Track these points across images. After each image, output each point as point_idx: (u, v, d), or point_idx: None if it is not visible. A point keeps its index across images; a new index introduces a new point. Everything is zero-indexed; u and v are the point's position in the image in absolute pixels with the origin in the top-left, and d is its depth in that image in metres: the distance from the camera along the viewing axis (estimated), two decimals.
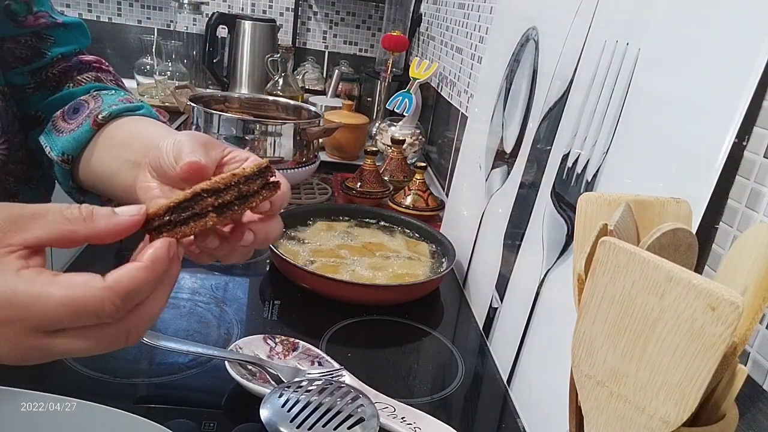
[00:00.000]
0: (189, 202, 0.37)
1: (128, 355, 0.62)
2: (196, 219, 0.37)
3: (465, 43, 1.23)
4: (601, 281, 0.29)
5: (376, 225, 0.97)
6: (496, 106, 0.85)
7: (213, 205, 0.37)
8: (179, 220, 0.37)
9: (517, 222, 0.71)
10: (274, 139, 1.07)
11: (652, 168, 0.48)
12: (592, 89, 0.58)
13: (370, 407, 0.52)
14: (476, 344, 0.75)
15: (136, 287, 0.35)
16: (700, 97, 0.44)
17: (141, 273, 0.35)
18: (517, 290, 0.69)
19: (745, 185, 0.42)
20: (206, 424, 0.54)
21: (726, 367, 0.29)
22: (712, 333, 0.25)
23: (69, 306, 0.33)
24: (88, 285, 0.34)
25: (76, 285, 0.33)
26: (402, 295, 0.80)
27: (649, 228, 0.32)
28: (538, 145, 0.69)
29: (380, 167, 1.18)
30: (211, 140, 0.46)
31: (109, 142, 0.54)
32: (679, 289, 0.26)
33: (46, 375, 0.58)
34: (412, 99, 1.34)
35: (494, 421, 0.63)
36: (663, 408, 0.27)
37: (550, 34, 0.72)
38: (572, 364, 0.31)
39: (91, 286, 0.34)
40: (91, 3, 1.91)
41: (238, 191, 0.38)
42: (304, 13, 2.04)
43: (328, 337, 0.70)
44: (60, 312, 0.33)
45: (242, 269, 0.85)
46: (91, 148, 0.55)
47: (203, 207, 0.37)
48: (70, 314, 0.33)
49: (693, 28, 0.46)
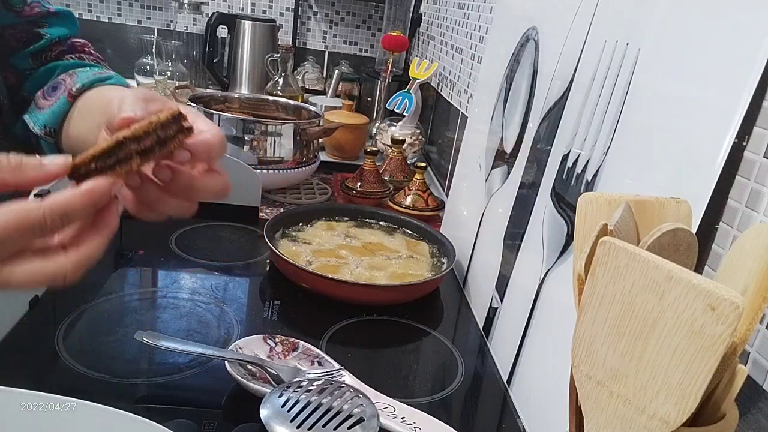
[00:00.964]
0: (113, 149, 0.41)
1: (128, 355, 0.62)
2: (122, 164, 0.41)
3: (465, 43, 1.23)
4: (601, 281, 0.29)
5: (376, 225, 0.97)
6: (496, 106, 0.85)
7: (136, 151, 0.41)
8: (105, 166, 0.41)
9: (517, 222, 0.71)
10: (274, 139, 1.07)
11: (652, 168, 0.48)
12: (592, 89, 0.58)
13: (370, 407, 0.52)
14: (476, 344, 0.75)
15: (72, 207, 0.39)
16: (700, 97, 0.44)
17: (76, 197, 0.39)
18: (517, 290, 0.69)
19: (745, 185, 0.42)
20: (206, 424, 0.54)
21: (726, 367, 0.29)
22: (712, 333, 0.25)
23: (13, 221, 0.37)
24: (27, 204, 0.38)
25: (16, 207, 0.38)
26: (402, 295, 0.80)
27: (649, 228, 0.32)
28: (538, 145, 0.69)
29: (380, 167, 1.18)
30: (154, 95, 0.49)
31: (83, 111, 0.60)
32: (679, 289, 0.26)
33: (46, 375, 0.58)
34: (412, 99, 1.34)
35: (494, 421, 0.63)
36: (663, 408, 0.27)
37: (550, 34, 0.72)
38: (572, 364, 0.31)
39: (30, 205, 0.38)
40: (91, 3, 1.91)
41: (156, 137, 0.42)
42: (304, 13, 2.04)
43: (328, 337, 0.70)
44: (9, 227, 0.37)
45: (242, 269, 0.85)
46: (68, 119, 0.61)
47: (127, 153, 0.41)
48: (16, 229, 0.37)
49: (693, 28, 0.46)
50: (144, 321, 0.68)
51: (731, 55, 0.42)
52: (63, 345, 0.62)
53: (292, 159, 1.09)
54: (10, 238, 0.37)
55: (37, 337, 0.63)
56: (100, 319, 0.67)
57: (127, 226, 0.95)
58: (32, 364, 0.59)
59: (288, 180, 1.11)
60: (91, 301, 0.70)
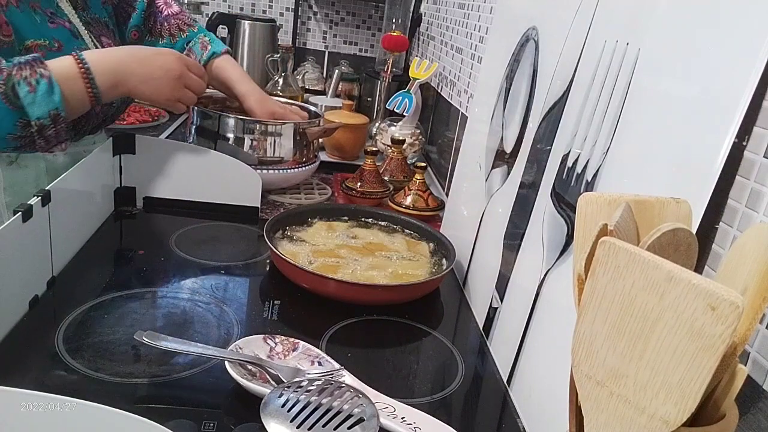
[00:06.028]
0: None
1: (128, 355, 0.62)
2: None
3: (465, 43, 1.23)
4: (601, 281, 0.29)
5: (376, 225, 0.97)
6: (496, 106, 0.85)
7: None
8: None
9: (517, 222, 0.71)
10: (274, 139, 1.07)
11: (652, 168, 0.48)
12: (592, 89, 0.58)
13: (370, 407, 0.52)
14: (476, 344, 0.75)
15: (194, 66, 0.92)
16: (700, 97, 0.44)
17: (197, 67, 0.93)
18: (517, 290, 0.69)
19: (745, 185, 0.42)
20: (206, 424, 0.54)
21: (726, 367, 0.29)
22: (712, 333, 0.25)
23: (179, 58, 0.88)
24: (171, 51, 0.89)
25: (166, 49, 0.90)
26: (402, 295, 0.80)
27: (649, 228, 0.32)
28: (538, 145, 0.69)
29: (380, 167, 1.18)
30: (265, 98, 1.11)
31: (210, 78, 1.08)
32: (679, 289, 0.26)
33: (46, 375, 0.58)
34: (412, 99, 1.34)
35: (494, 421, 0.63)
36: (663, 408, 0.27)
37: (550, 34, 0.72)
38: (572, 364, 0.31)
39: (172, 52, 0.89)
40: None
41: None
42: (304, 13, 2.04)
43: (328, 337, 0.70)
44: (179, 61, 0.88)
45: (242, 269, 0.85)
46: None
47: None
48: (181, 62, 0.88)
49: (693, 28, 0.46)
50: (144, 321, 0.68)
51: (731, 55, 0.42)
52: (63, 345, 0.62)
53: (292, 159, 1.09)
54: (183, 68, 0.88)
55: (37, 337, 0.63)
56: (100, 319, 0.67)
57: (127, 226, 0.95)
58: (32, 364, 0.59)
59: (288, 180, 1.11)
60: (91, 301, 0.70)
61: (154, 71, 0.84)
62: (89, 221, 0.88)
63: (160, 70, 0.84)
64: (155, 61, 0.85)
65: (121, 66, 0.81)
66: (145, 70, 0.83)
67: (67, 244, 0.78)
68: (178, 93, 0.88)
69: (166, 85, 0.85)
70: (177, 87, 0.87)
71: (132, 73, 0.82)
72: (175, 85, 0.86)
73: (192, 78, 0.89)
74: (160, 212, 0.99)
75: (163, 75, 0.85)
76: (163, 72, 0.85)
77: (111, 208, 0.96)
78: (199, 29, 1.13)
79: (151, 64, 0.84)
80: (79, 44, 0.86)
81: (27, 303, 0.67)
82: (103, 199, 0.93)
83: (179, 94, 0.88)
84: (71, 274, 0.76)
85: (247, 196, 1.01)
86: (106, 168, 0.93)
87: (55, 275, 0.73)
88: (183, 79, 0.87)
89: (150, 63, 0.84)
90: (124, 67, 0.82)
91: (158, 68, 0.84)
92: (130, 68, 0.82)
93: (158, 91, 0.85)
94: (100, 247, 0.85)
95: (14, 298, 0.65)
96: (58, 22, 0.84)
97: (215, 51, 1.08)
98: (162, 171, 0.98)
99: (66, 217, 0.75)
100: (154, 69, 0.84)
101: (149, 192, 0.99)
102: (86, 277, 0.77)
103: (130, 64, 0.82)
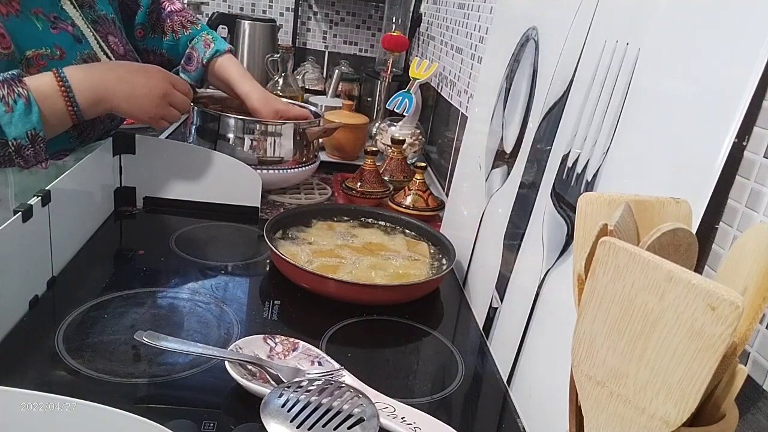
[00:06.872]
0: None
1: (128, 355, 0.62)
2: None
3: (465, 43, 1.23)
4: (601, 281, 0.29)
5: (376, 225, 0.97)
6: (496, 106, 0.85)
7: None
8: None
9: (517, 222, 0.71)
10: (274, 139, 1.07)
11: (652, 168, 0.48)
12: (592, 89, 0.58)
13: (370, 407, 0.52)
14: (476, 344, 0.75)
15: (179, 84, 0.90)
16: (700, 97, 0.44)
17: (183, 85, 0.91)
18: (517, 290, 0.69)
19: (745, 185, 0.42)
20: (206, 424, 0.54)
21: (726, 367, 0.29)
22: (712, 333, 0.25)
23: (165, 76, 0.88)
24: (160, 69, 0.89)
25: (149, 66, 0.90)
26: (402, 295, 0.80)
27: (649, 228, 0.32)
28: (538, 145, 0.69)
29: (380, 167, 1.18)
30: (267, 96, 1.13)
31: (211, 77, 1.12)
32: (679, 289, 0.26)
33: (46, 375, 0.58)
34: (412, 99, 1.34)
35: (494, 421, 0.63)
36: (663, 408, 0.27)
37: (550, 34, 0.72)
38: (572, 364, 0.31)
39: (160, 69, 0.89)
40: None
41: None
42: (304, 13, 2.04)
43: (328, 337, 0.70)
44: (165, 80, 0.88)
45: (242, 269, 0.85)
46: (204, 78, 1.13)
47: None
48: (166, 80, 0.87)
49: (693, 28, 0.46)
50: (144, 321, 0.68)
51: (731, 55, 0.42)
52: (63, 345, 0.62)
53: (292, 159, 1.09)
54: (168, 88, 0.87)
55: (37, 337, 0.63)
56: (100, 319, 0.67)
57: (127, 226, 0.95)
58: (32, 364, 0.59)
59: (288, 180, 1.11)
60: (91, 301, 0.70)
61: (137, 89, 0.83)
62: (89, 221, 0.88)
63: (144, 87, 0.83)
64: (138, 79, 0.83)
65: (102, 83, 0.80)
66: (127, 88, 0.82)
67: (67, 244, 0.78)
68: (162, 111, 0.86)
69: (149, 102, 0.84)
70: (161, 105, 0.86)
71: (114, 90, 0.81)
72: (159, 103, 0.85)
73: (177, 96, 0.88)
74: (160, 212, 0.99)
75: (147, 93, 0.83)
76: (147, 90, 0.83)
77: (111, 208, 0.96)
78: (202, 27, 1.13)
79: (134, 81, 0.83)
80: (81, 49, 0.85)
81: (27, 303, 0.67)
82: (103, 199, 0.93)
83: (163, 111, 0.87)
84: (71, 274, 0.76)
85: (247, 196, 1.01)
86: (106, 168, 0.93)
87: (55, 275, 0.73)
88: (168, 97, 0.86)
89: (133, 80, 0.83)
90: (106, 84, 0.80)
91: (142, 86, 0.83)
92: (112, 85, 0.81)
93: (141, 108, 0.84)
94: (100, 247, 0.85)
95: (14, 298, 0.65)
96: (61, 26, 0.83)
97: (218, 49, 1.09)
98: (162, 171, 0.98)
99: (66, 217, 0.75)
100: (137, 87, 0.83)
101: (149, 192, 0.99)
102: (86, 277, 0.77)
103: (112, 81, 0.81)
